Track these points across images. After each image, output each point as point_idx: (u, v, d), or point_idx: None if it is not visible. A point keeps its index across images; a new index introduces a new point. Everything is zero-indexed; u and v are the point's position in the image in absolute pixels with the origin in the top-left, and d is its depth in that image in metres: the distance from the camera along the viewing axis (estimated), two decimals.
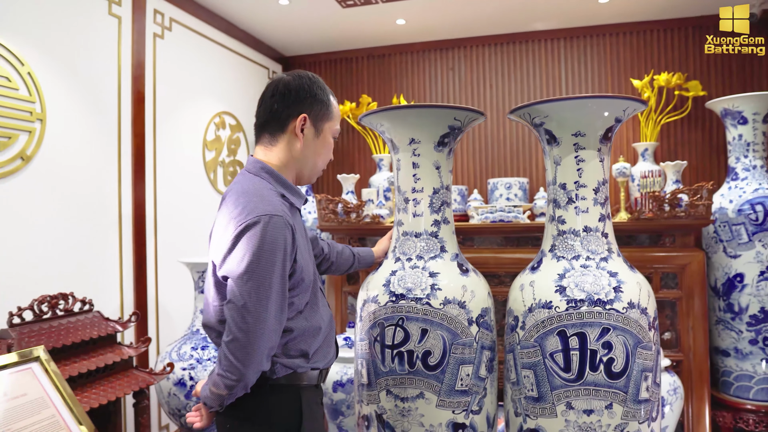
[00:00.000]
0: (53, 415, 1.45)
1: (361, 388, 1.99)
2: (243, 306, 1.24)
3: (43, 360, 1.56)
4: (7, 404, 1.38)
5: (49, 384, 1.51)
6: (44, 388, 1.49)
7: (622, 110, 1.80)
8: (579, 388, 1.73)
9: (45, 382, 1.50)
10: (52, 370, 1.54)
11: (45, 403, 1.46)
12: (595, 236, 1.86)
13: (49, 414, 1.44)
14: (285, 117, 1.44)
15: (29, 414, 1.40)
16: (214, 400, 1.35)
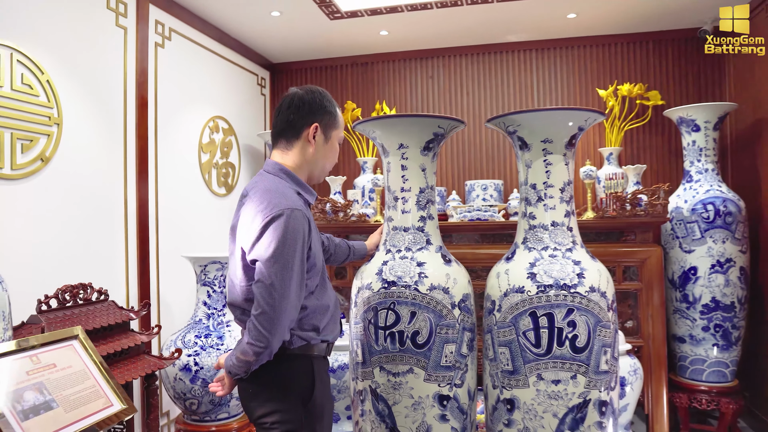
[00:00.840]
0: (93, 385, 1.65)
1: (357, 366, 2.23)
2: (270, 285, 1.48)
3: (82, 338, 1.76)
4: (59, 374, 1.58)
5: (88, 359, 1.71)
6: (84, 363, 1.69)
7: (584, 120, 2.07)
8: (548, 361, 1.99)
9: (84, 357, 1.71)
10: (90, 347, 1.75)
11: (86, 375, 1.66)
12: (562, 230, 2.13)
13: (91, 384, 1.65)
14: (299, 126, 1.69)
15: (75, 383, 1.61)
16: (240, 367, 1.57)
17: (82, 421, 1.52)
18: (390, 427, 2.13)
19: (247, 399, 1.66)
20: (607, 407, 2.02)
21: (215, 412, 2.84)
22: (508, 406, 2.08)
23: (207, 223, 3.76)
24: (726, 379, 3.38)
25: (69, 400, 1.54)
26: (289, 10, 3.62)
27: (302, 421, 1.63)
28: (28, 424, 1.36)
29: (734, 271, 3.33)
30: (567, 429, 1.99)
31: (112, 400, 1.67)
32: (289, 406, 1.62)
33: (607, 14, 3.79)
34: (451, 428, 2.13)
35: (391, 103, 4.58)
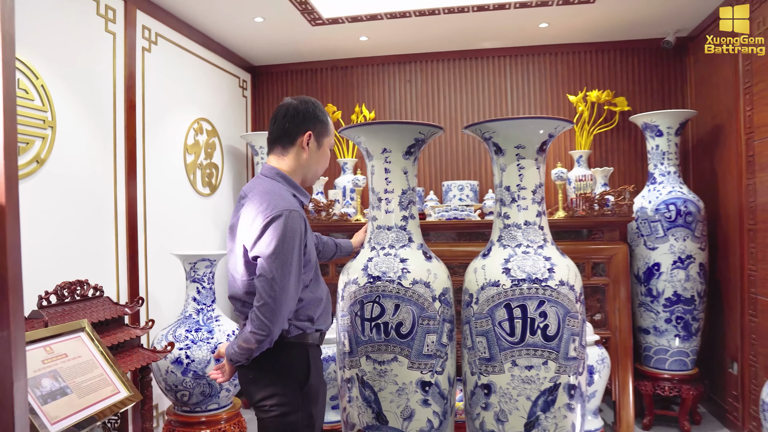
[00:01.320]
0: (102, 374, 1.76)
1: (344, 356, 2.37)
2: (272, 278, 1.61)
3: (88, 330, 1.87)
4: (70, 363, 1.69)
5: (95, 349, 1.82)
6: (92, 353, 1.80)
7: (554, 128, 2.25)
8: (521, 348, 2.17)
9: (92, 348, 1.82)
10: (97, 339, 1.86)
11: (95, 364, 1.77)
12: (534, 228, 2.31)
13: (99, 373, 1.76)
14: (294, 134, 1.83)
15: (85, 371, 1.72)
16: (242, 355, 1.71)
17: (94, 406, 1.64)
18: (376, 412, 2.28)
19: (248, 384, 1.80)
20: (575, 390, 2.20)
21: (205, 403, 2.95)
22: (485, 390, 2.24)
23: (192, 221, 3.86)
24: (687, 367, 3.61)
25: (81, 387, 1.66)
26: (272, 16, 3.74)
27: (299, 404, 1.77)
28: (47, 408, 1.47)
29: (694, 267, 3.55)
30: (539, 411, 2.17)
31: (119, 388, 1.78)
32: (286, 390, 1.76)
33: (577, 24, 3.99)
34: (433, 412, 2.28)
35: (371, 106, 4.73)
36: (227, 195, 4.38)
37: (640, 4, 3.61)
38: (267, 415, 1.76)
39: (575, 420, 2.23)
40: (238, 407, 3.15)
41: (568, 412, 2.19)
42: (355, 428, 2.37)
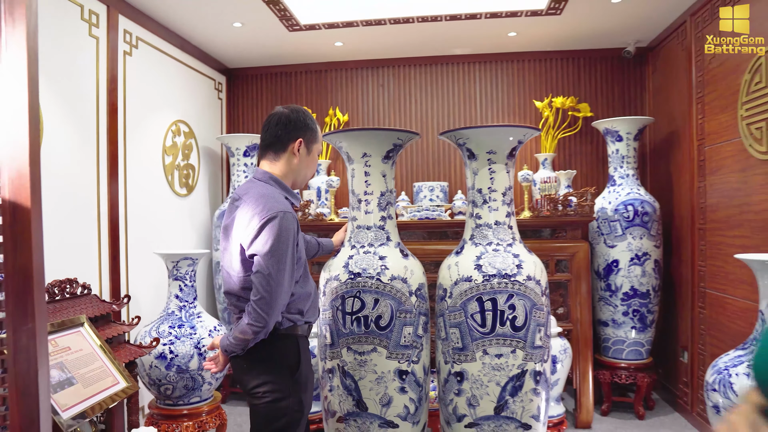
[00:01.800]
0: (102, 366, 1.87)
1: (326, 348, 2.51)
2: (268, 275, 1.75)
3: (87, 325, 1.97)
4: (74, 355, 1.79)
5: (94, 343, 1.92)
6: (92, 346, 1.90)
7: (522, 135, 2.44)
8: (492, 338, 2.35)
9: (91, 342, 1.91)
10: (95, 333, 1.96)
11: (95, 357, 1.87)
12: (503, 228, 2.49)
13: (99, 365, 1.86)
14: (286, 140, 1.96)
15: (87, 363, 1.82)
16: (237, 345, 1.84)
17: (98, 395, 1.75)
18: (356, 399, 2.43)
19: (242, 373, 1.92)
20: (540, 376, 2.39)
21: (188, 396, 3.05)
22: (458, 378, 2.42)
23: (170, 221, 3.94)
24: (642, 357, 3.86)
25: (85, 378, 1.76)
26: (251, 22, 3.84)
27: (290, 390, 1.91)
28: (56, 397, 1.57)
29: (650, 264, 3.80)
30: (508, 395, 2.35)
31: (118, 379, 1.89)
32: (278, 378, 1.89)
33: (544, 34, 4.20)
34: (409, 399, 2.44)
35: (344, 109, 4.86)
36: (203, 195, 4.47)
37: (603, 16, 3.84)
38: (260, 402, 1.89)
39: (540, 404, 2.42)
40: (218, 400, 3.25)
41: (534, 397, 2.38)
42: (336, 415, 2.52)
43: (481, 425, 2.41)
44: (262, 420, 1.91)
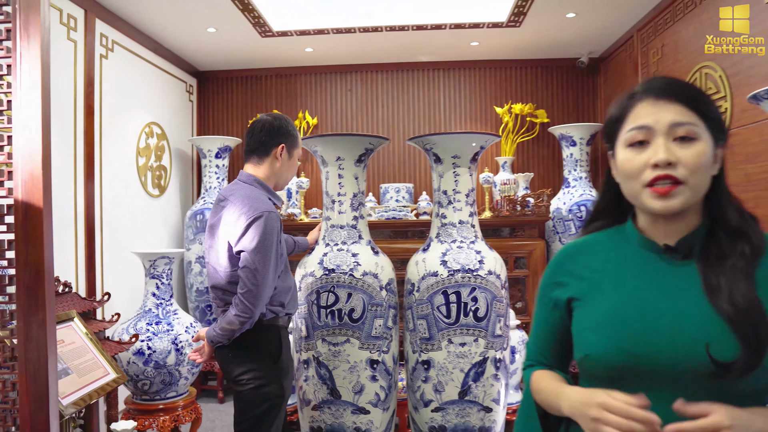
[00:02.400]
0: (93, 357, 1.98)
1: (301, 340, 2.67)
2: (254, 269, 1.91)
3: (77, 320, 2.08)
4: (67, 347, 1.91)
5: (84, 336, 2.03)
6: (83, 339, 2.01)
7: (484, 141, 2.65)
8: (456, 328, 2.55)
9: (82, 335, 2.03)
10: (85, 327, 2.07)
11: (86, 349, 1.99)
12: (467, 227, 2.70)
13: (90, 357, 1.98)
14: (269, 146, 2.13)
15: (80, 355, 1.93)
16: (224, 336, 1.98)
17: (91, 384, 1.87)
18: (330, 388, 2.60)
19: (227, 362, 2.07)
20: (500, 363, 2.61)
21: (165, 391, 3.16)
22: (425, 366, 2.61)
23: (143, 221, 4.03)
24: None
25: (79, 368, 1.88)
26: (225, 27, 3.96)
27: (272, 377, 2.06)
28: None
29: None
30: (471, 380, 2.56)
31: (108, 370, 2.01)
32: (261, 366, 2.05)
33: (504, 43, 4.45)
34: (380, 386, 2.63)
35: (314, 113, 5.01)
36: (175, 196, 4.55)
37: (558, 29, 4.10)
38: (244, 388, 2.04)
39: (500, 389, 2.63)
40: (194, 395, 3.36)
41: (495, 382, 2.59)
42: (311, 404, 2.68)
43: (447, 409, 2.61)
44: (247, 405, 2.06)
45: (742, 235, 0.99)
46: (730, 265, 0.96)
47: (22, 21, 1.52)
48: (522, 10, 3.74)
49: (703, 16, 3.14)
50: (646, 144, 0.99)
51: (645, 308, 0.98)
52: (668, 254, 1.02)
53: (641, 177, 0.98)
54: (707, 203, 1.02)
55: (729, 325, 0.91)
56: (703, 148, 0.96)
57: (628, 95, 1.05)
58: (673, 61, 3.51)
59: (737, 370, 0.88)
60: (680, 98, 0.98)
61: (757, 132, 2.71)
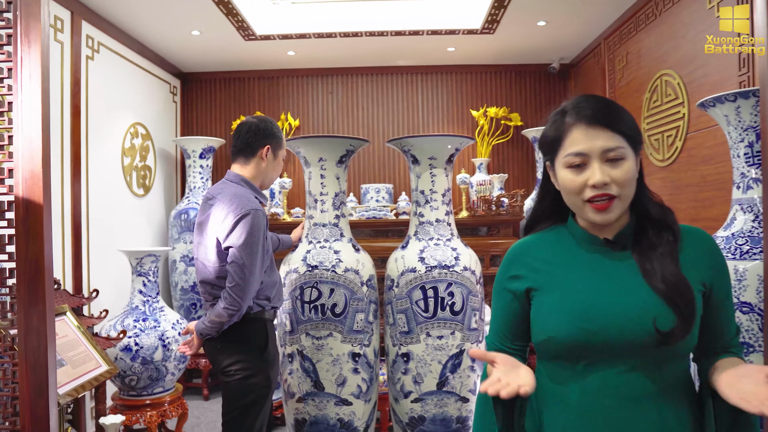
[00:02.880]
0: (85, 350, 2.07)
1: (285, 335, 2.78)
2: (242, 264, 2.01)
3: (69, 314, 2.16)
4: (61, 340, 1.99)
5: (77, 330, 2.12)
6: (75, 333, 2.10)
7: (460, 143, 2.79)
8: (434, 322, 2.68)
9: (74, 329, 2.11)
10: (78, 321, 2.15)
11: (79, 342, 2.07)
12: (443, 225, 2.83)
13: (83, 349, 2.06)
14: (255, 147, 2.24)
15: (73, 348, 2.02)
16: (213, 328, 2.09)
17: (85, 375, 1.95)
18: (314, 380, 2.71)
19: (215, 353, 2.17)
20: None
21: (152, 386, 3.24)
22: (404, 358, 2.74)
23: (128, 220, 4.10)
24: None
25: (73, 360, 1.96)
26: (209, 30, 4.05)
27: (259, 368, 2.17)
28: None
29: None
30: (448, 372, 2.69)
31: (100, 362, 2.10)
32: (249, 357, 2.16)
33: (479, 49, 4.60)
34: (362, 378, 2.74)
35: (295, 114, 5.12)
36: (159, 196, 4.62)
37: (530, 36, 4.27)
38: (232, 379, 2.15)
39: (476, 380, 2.77)
40: (180, 391, 3.44)
41: (471, 373, 2.73)
42: (295, 396, 2.78)
43: (426, 400, 2.73)
44: (234, 396, 2.17)
45: (665, 225, 1.18)
46: (659, 252, 1.14)
47: (23, 27, 1.61)
48: (495, 18, 3.90)
49: (663, 27, 3.33)
50: (583, 166, 1.14)
51: (596, 292, 1.15)
52: (608, 247, 1.19)
53: (582, 194, 1.14)
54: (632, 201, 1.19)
55: (664, 300, 1.09)
56: (630, 165, 1.13)
57: (560, 116, 1.19)
58: (636, 68, 3.69)
59: (675, 337, 1.07)
60: (608, 125, 1.13)
61: (711, 136, 2.89)
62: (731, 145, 2.15)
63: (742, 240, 2.04)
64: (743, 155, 2.11)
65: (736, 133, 2.11)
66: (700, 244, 1.19)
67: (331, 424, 2.72)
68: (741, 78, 2.67)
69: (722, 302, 1.18)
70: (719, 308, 1.17)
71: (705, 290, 1.16)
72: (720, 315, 1.18)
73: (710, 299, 1.16)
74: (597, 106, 1.16)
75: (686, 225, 1.22)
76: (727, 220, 2.15)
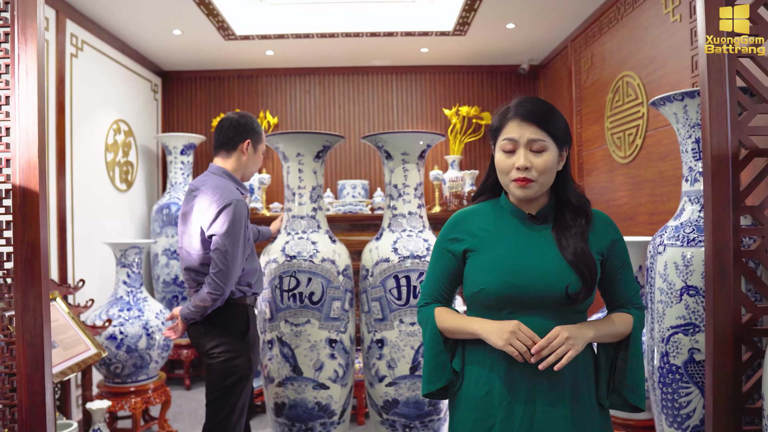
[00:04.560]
0: (75, 334, 2.19)
1: (265, 322, 2.91)
2: (225, 251, 2.15)
3: (59, 300, 2.27)
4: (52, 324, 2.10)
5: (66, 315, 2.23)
6: (66, 317, 2.21)
7: (431, 139, 2.95)
8: (407, 309, 2.83)
9: (64, 314, 2.22)
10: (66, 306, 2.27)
11: (69, 327, 2.19)
12: (415, 218, 2.99)
13: (73, 333, 2.18)
14: (236, 141, 2.37)
15: (64, 332, 2.13)
16: (197, 312, 2.22)
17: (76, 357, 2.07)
18: (293, 365, 2.85)
19: (199, 337, 2.31)
20: None
21: (136, 374, 3.35)
22: (379, 344, 2.89)
23: (111, 214, 4.20)
24: None
25: (64, 343, 2.08)
26: (190, 30, 4.16)
27: (241, 350, 2.31)
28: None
29: None
30: (420, 357, 2.84)
31: (90, 345, 2.22)
32: (231, 340, 2.29)
33: (451, 50, 4.78)
34: (338, 364, 2.89)
35: (274, 112, 5.24)
36: (141, 191, 4.72)
37: (500, 38, 4.45)
38: (215, 361, 2.28)
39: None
40: (164, 379, 3.56)
41: None
42: (275, 381, 2.92)
43: (399, 384, 2.89)
44: (218, 377, 2.30)
45: (581, 210, 1.47)
46: (573, 232, 1.44)
47: (20, 26, 1.73)
48: (466, 21, 4.08)
49: (624, 31, 3.53)
50: (513, 152, 1.42)
51: (521, 255, 1.44)
52: (531, 221, 1.48)
53: (510, 174, 1.42)
54: (555, 187, 1.48)
55: (573, 269, 1.39)
56: (549, 156, 1.40)
57: (504, 110, 1.47)
58: (600, 70, 3.90)
59: (580, 298, 1.39)
60: (536, 122, 1.40)
61: (667, 134, 3.10)
62: (680, 142, 2.33)
63: (689, 229, 2.22)
64: (691, 150, 2.28)
65: (684, 130, 2.29)
66: (602, 224, 1.49)
67: (309, 408, 2.86)
68: (694, 79, 2.87)
69: (618, 268, 1.49)
70: (617, 272, 1.49)
71: (602, 258, 1.47)
72: (618, 278, 1.49)
73: (606, 264, 1.48)
74: (532, 107, 1.42)
75: (596, 210, 1.51)
76: (677, 211, 2.32)
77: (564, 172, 1.48)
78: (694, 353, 2.14)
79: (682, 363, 2.16)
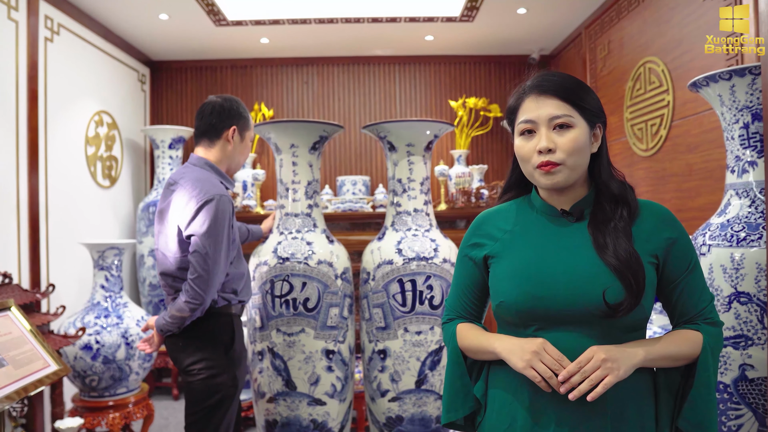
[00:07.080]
0: (32, 349, 1.90)
1: (255, 331, 2.63)
2: (205, 254, 1.86)
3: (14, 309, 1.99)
4: (2, 338, 1.82)
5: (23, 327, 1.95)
6: (21, 330, 1.93)
7: (438, 129, 2.66)
8: (412, 316, 2.56)
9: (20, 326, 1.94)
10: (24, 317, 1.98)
11: (25, 340, 1.90)
12: (421, 215, 2.71)
13: (29, 348, 1.89)
14: (220, 128, 2.08)
15: (16, 347, 1.85)
16: (173, 324, 1.93)
17: (30, 376, 1.79)
18: (286, 379, 2.57)
19: (177, 351, 2.02)
20: None
21: (114, 387, 3.07)
22: (381, 355, 2.61)
23: (92, 213, 3.90)
24: None
25: (15, 360, 1.80)
26: (177, 14, 3.87)
27: (225, 366, 2.02)
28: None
29: None
30: (427, 369, 2.57)
31: (49, 362, 1.93)
32: (213, 355, 2.00)
33: (458, 39, 4.50)
34: (336, 377, 2.61)
35: (269, 104, 4.96)
36: (126, 187, 4.43)
37: (510, 25, 4.17)
38: (195, 378, 2.00)
39: None
40: (145, 391, 3.27)
41: None
42: (266, 396, 2.64)
43: (404, 399, 2.61)
44: (198, 396, 2.01)
45: (622, 201, 1.20)
46: (613, 226, 1.16)
47: None
48: (475, 5, 3.79)
49: (646, 13, 3.25)
50: (533, 133, 1.18)
51: (548, 261, 1.18)
52: (564, 217, 1.23)
53: (531, 160, 1.18)
54: (593, 176, 1.23)
55: (615, 274, 1.12)
56: (576, 134, 1.15)
57: (520, 89, 1.25)
58: (618, 57, 3.62)
59: (623, 310, 1.10)
60: (556, 94, 1.17)
61: (696, 123, 2.82)
62: (725, 128, 2.06)
63: (738, 226, 1.95)
64: (738, 137, 2.01)
65: (730, 114, 2.02)
66: (656, 218, 1.20)
67: (303, 426, 2.59)
68: (729, 61, 2.59)
69: (681, 274, 1.19)
70: (680, 279, 1.19)
71: (657, 262, 1.18)
72: (682, 286, 1.19)
73: (664, 270, 1.19)
74: (551, 78, 1.19)
75: (648, 201, 1.24)
76: (721, 206, 2.06)
77: (599, 154, 1.23)
78: (746, 370, 1.86)
79: (732, 381, 1.88)
